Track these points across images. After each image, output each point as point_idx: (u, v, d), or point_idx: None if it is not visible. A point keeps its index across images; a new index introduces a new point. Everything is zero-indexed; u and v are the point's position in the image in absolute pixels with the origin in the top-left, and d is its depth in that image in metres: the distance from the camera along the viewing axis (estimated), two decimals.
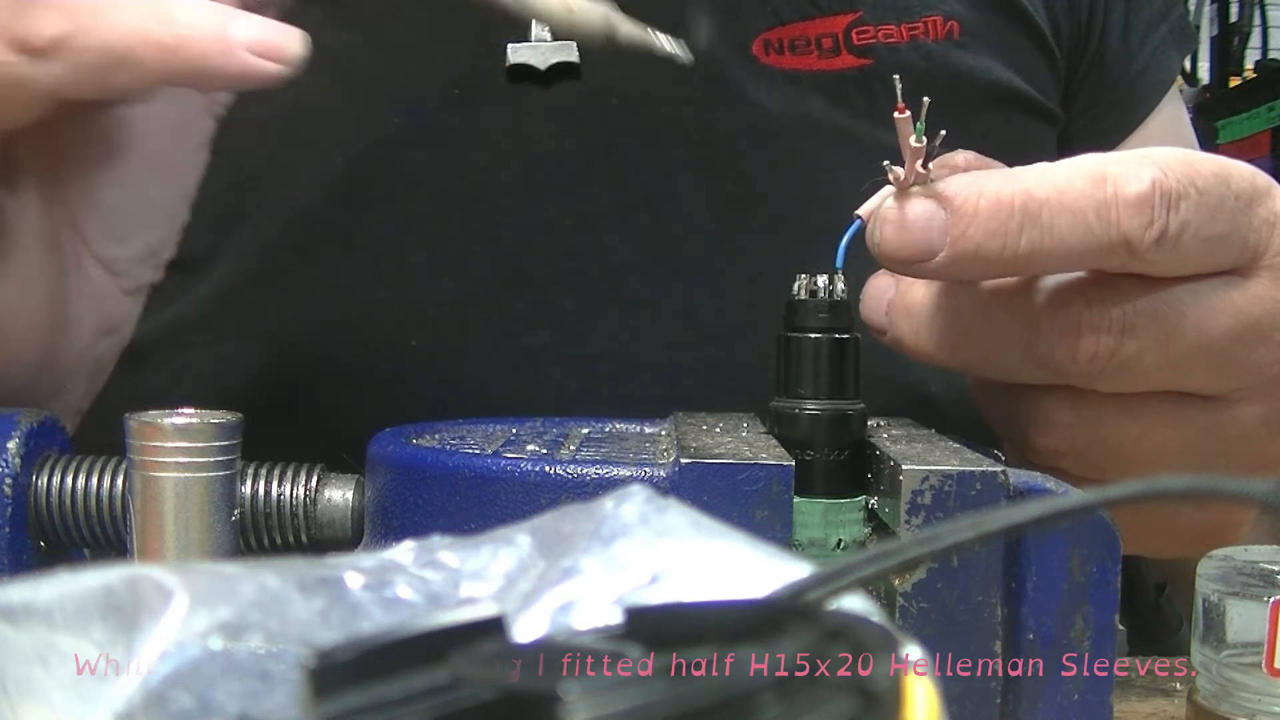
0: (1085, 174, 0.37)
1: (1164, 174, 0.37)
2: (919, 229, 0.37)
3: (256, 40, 0.38)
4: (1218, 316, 0.38)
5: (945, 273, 0.38)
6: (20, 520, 0.40)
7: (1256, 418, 0.40)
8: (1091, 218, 0.36)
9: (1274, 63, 2.43)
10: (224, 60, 0.38)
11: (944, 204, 0.37)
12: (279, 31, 0.38)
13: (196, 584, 0.19)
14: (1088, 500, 0.22)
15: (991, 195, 0.37)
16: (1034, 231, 0.36)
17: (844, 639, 0.16)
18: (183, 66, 0.38)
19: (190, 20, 0.38)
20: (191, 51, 0.37)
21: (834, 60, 0.57)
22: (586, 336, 0.55)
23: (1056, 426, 0.41)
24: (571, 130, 0.56)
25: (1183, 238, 0.37)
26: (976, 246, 0.37)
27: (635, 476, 0.34)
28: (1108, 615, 0.34)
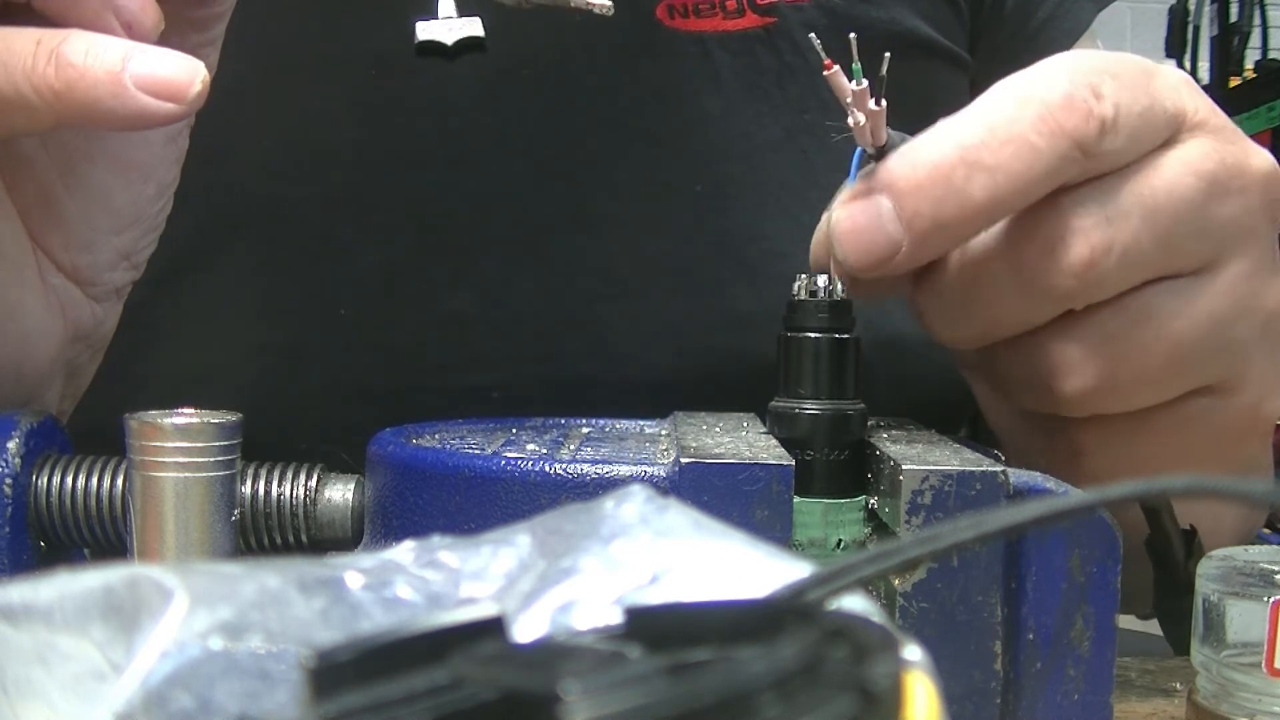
0: (1006, 101, 0.37)
1: (1075, 70, 0.37)
2: (873, 228, 0.36)
3: (153, 80, 0.36)
4: (1184, 180, 0.38)
5: (915, 258, 0.37)
6: (20, 520, 0.40)
7: (1247, 270, 0.41)
8: (1033, 137, 0.36)
9: (1274, 63, 2.43)
10: (117, 102, 0.36)
11: (885, 191, 0.36)
12: (178, 69, 0.37)
13: (196, 584, 0.19)
14: (1088, 500, 0.22)
15: (926, 162, 0.36)
16: (983, 177, 0.36)
17: (844, 639, 0.16)
18: (74, 110, 0.36)
19: (82, 62, 0.36)
20: (82, 95, 0.36)
21: (739, 20, 0.58)
22: (508, 298, 0.57)
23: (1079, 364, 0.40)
24: (486, 102, 0.57)
25: (1119, 120, 0.37)
26: (933, 218, 0.36)
27: (635, 476, 0.34)
28: (1108, 615, 0.34)
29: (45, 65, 0.36)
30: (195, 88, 0.37)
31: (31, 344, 0.44)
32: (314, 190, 0.57)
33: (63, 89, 0.36)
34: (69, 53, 0.36)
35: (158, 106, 0.36)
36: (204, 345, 0.57)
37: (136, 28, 0.38)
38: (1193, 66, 2.57)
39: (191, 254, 0.55)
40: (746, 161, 0.58)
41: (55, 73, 0.36)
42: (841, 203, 0.38)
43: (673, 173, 0.58)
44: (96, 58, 0.36)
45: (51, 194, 0.43)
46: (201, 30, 0.41)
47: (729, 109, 0.58)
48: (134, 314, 0.49)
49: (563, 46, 0.57)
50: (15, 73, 0.36)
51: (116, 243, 0.45)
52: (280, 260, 0.57)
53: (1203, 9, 2.49)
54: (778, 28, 0.59)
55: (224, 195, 0.56)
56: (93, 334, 0.47)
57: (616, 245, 0.57)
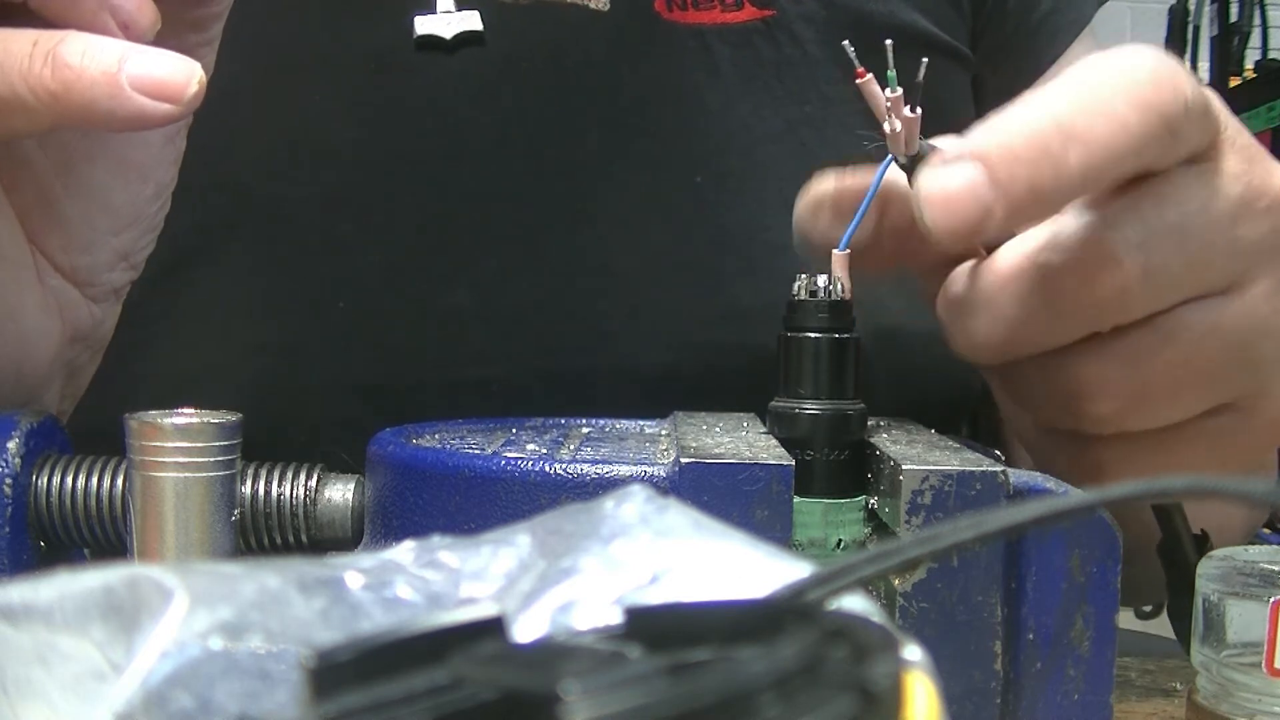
0: (1099, 72, 0.36)
1: (1155, 51, 0.37)
2: (967, 193, 0.35)
3: (149, 81, 0.36)
4: (1214, 202, 0.38)
5: (1008, 223, 0.36)
6: (20, 520, 0.40)
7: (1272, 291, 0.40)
8: (1124, 110, 0.35)
9: (1274, 63, 2.43)
10: (114, 104, 0.36)
11: (979, 158, 0.35)
12: (175, 70, 0.36)
13: (196, 584, 0.19)
14: (1088, 500, 0.22)
15: (1021, 130, 0.35)
16: (1078, 147, 0.35)
17: (844, 639, 0.16)
18: (71, 112, 0.36)
19: (78, 63, 0.36)
20: (79, 97, 0.36)
21: (738, 13, 0.58)
22: (507, 293, 0.57)
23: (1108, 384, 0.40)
24: (485, 98, 0.57)
25: (1193, 105, 0.37)
26: (1029, 184, 0.35)
27: (635, 476, 0.34)
28: (1108, 615, 0.34)
29: (42, 67, 0.36)
30: (192, 89, 0.37)
31: (30, 345, 0.44)
32: (313, 188, 0.57)
33: (59, 90, 0.36)
34: (65, 54, 0.36)
35: (154, 108, 0.36)
36: (203, 343, 0.57)
37: (133, 28, 0.38)
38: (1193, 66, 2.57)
39: (191, 252, 0.55)
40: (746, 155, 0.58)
41: (52, 74, 0.36)
42: (930, 167, 0.36)
43: (672, 166, 0.58)
44: (93, 59, 0.36)
45: (50, 195, 0.43)
46: (199, 30, 0.41)
47: (728, 102, 0.58)
48: (133, 312, 0.49)
49: (561, 40, 0.57)
50: (12, 74, 0.36)
51: (115, 243, 0.45)
52: (279, 258, 0.57)
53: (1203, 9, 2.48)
54: (777, 20, 0.59)
55: (223, 194, 0.56)
56: (91, 334, 0.47)
57: (616, 239, 0.57)
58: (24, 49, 0.36)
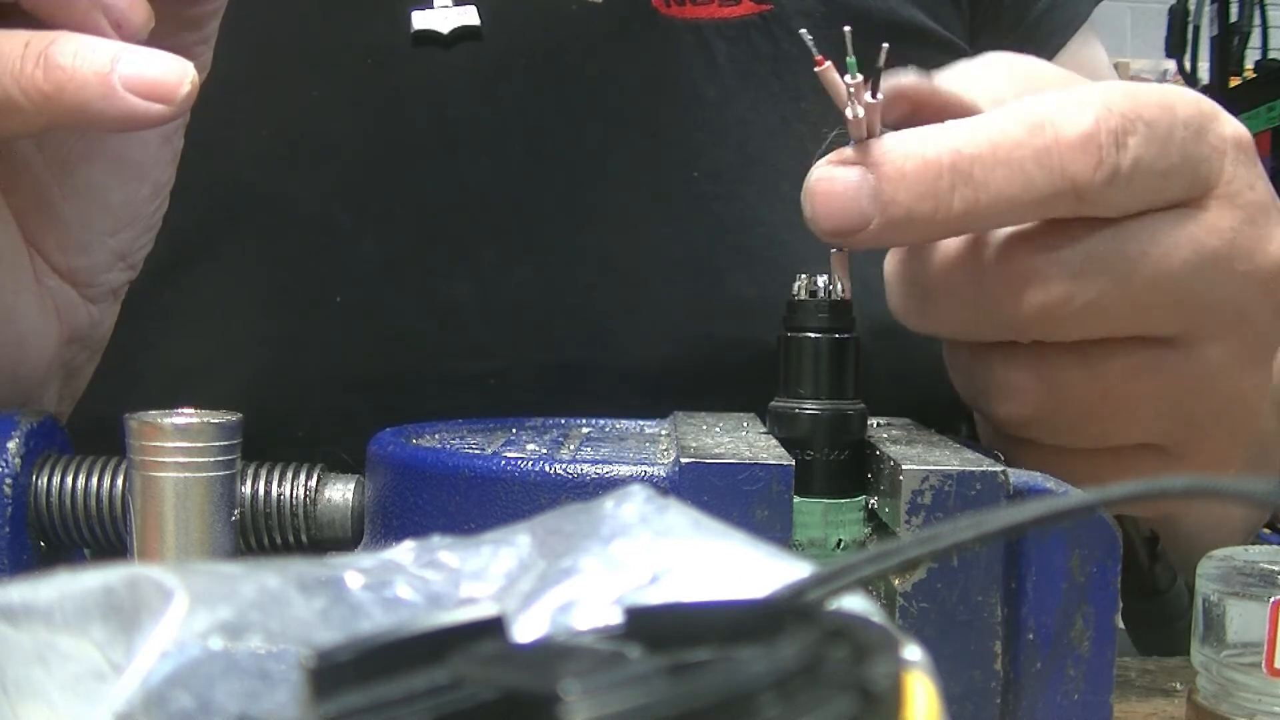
0: (1021, 121, 0.36)
1: (1107, 110, 0.36)
2: (848, 198, 0.36)
3: (142, 81, 0.36)
4: (1176, 251, 0.37)
5: (880, 240, 0.37)
6: (20, 520, 0.40)
7: (1224, 355, 0.39)
8: (1031, 167, 0.35)
9: (1274, 63, 2.43)
10: (107, 104, 0.36)
11: (872, 168, 0.36)
12: (168, 70, 0.36)
13: (196, 584, 0.19)
14: (1088, 500, 0.22)
15: (918, 156, 0.36)
16: (966, 189, 0.35)
17: (844, 639, 0.16)
18: (64, 112, 0.36)
19: (70, 64, 0.36)
20: (71, 98, 0.36)
21: (735, 8, 0.59)
22: (506, 286, 0.57)
23: (1018, 392, 0.40)
24: (483, 91, 0.58)
25: (1134, 175, 0.36)
26: (907, 211, 0.36)
27: (635, 476, 0.34)
28: (1108, 615, 0.34)
29: (34, 68, 0.36)
30: (184, 89, 0.36)
31: (28, 346, 0.44)
32: (311, 182, 0.57)
33: (52, 91, 0.36)
34: (57, 54, 0.36)
35: (147, 108, 0.36)
36: (203, 337, 0.57)
37: (126, 27, 0.38)
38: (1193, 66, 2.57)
39: (189, 249, 0.55)
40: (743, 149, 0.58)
41: (44, 75, 0.36)
42: (826, 162, 0.37)
43: (670, 160, 0.58)
44: (85, 59, 0.36)
45: (47, 196, 0.43)
46: (194, 28, 0.41)
47: (726, 96, 0.58)
48: (132, 308, 0.49)
49: (559, 36, 0.57)
50: (3, 76, 0.36)
51: (112, 243, 0.45)
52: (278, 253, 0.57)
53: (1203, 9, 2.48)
54: (774, 15, 0.59)
55: (221, 188, 0.56)
56: (89, 335, 0.47)
57: (614, 233, 0.57)
58: (15, 50, 0.36)
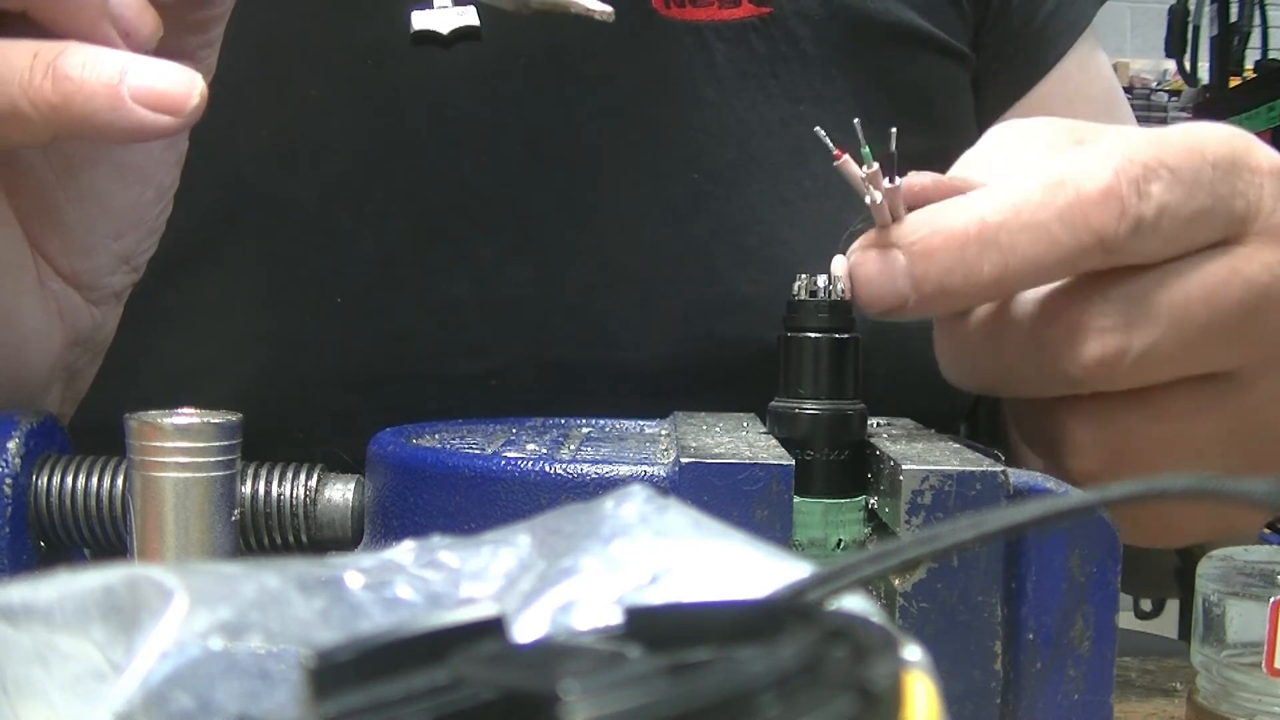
0: (1040, 184, 0.37)
1: (1128, 161, 0.36)
2: (885, 281, 0.38)
3: (151, 92, 0.36)
4: (1226, 290, 0.37)
5: (923, 312, 0.38)
6: (20, 520, 0.40)
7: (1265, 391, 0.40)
8: (1055, 227, 0.36)
9: (1274, 63, 2.43)
10: (115, 116, 0.36)
11: (904, 249, 0.37)
12: (176, 81, 0.36)
13: (196, 584, 0.19)
14: (1088, 500, 0.22)
15: (944, 230, 0.37)
16: (995, 256, 0.36)
17: (844, 639, 0.16)
18: (72, 123, 0.36)
19: (79, 75, 0.36)
20: (79, 109, 0.36)
21: (734, 10, 0.59)
22: (505, 285, 0.57)
23: (1084, 447, 0.40)
24: (482, 90, 0.58)
25: (1161, 222, 0.36)
26: (939, 285, 0.37)
27: (635, 476, 0.34)
28: (1108, 615, 0.34)
29: (42, 79, 0.36)
30: (193, 100, 0.36)
31: (30, 349, 0.44)
32: (311, 180, 0.57)
33: (59, 103, 0.36)
34: (66, 66, 0.36)
35: (155, 119, 0.36)
36: (203, 337, 0.57)
37: (134, 36, 0.37)
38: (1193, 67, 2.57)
39: (190, 247, 0.55)
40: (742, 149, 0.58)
41: (52, 87, 0.36)
42: (860, 247, 0.39)
43: (669, 160, 0.58)
44: (93, 71, 0.36)
45: (51, 200, 0.43)
46: (200, 32, 0.41)
47: (724, 97, 0.58)
48: (133, 307, 0.49)
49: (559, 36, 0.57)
50: (12, 87, 0.36)
51: (116, 247, 0.45)
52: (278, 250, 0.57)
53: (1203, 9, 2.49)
54: (773, 17, 0.59)
55: (221, 187, 0.56)
56: (92, 338, 0.47)
57: (613, 232, 0.57)
58: (24, 61, 0.36)
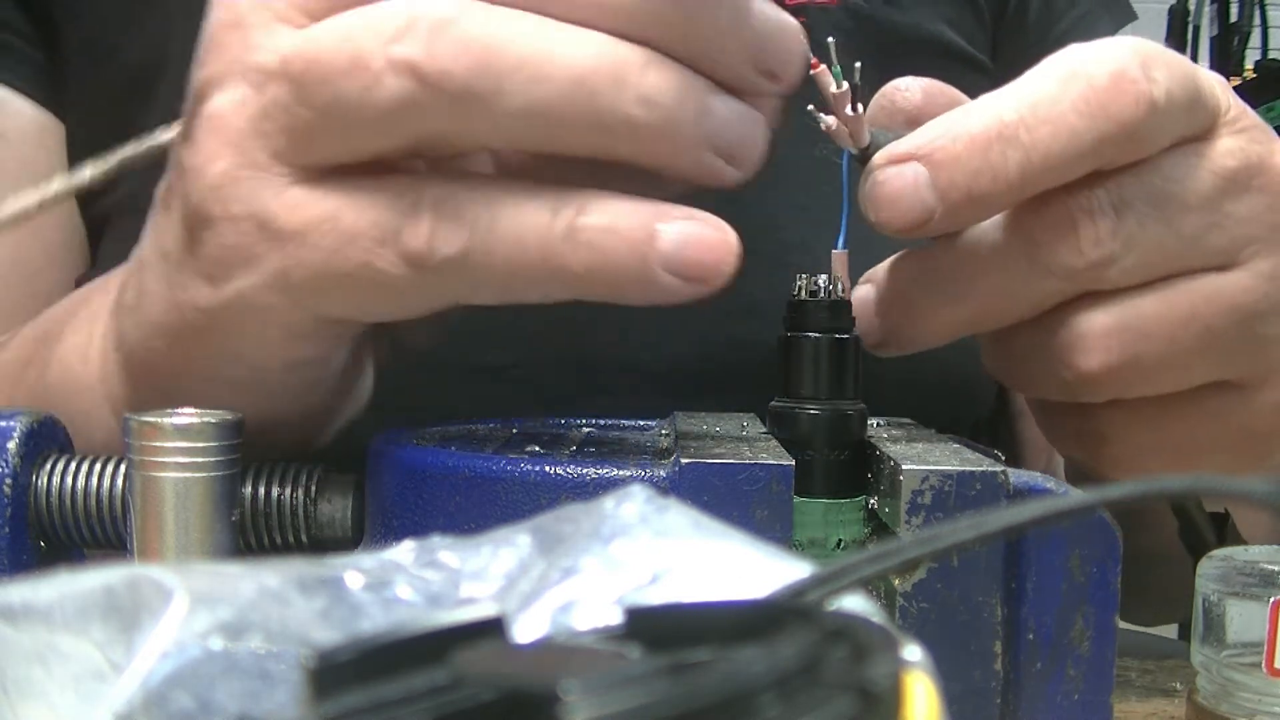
0: (1053, 78, 0.37)
1: (1129, 49, 0.37)
2: (909, 194, 0.37)
3: (680, 260, 0.32)
4: (1200, 174, 0.39)
5: (951, 224, 0.38)
6: (20, 520, 0.40)
7: (1272, 271, 0.40)
8: (1073, 118, 0.36)
9: (1274, 63, 2.42)
10: (638, 284, 0.32)
11: (923, 160, 0.37)
12: (708, 243, 0.32)
13: (196, 584, 0.19)
14: (1088, 500, 0.22)
15: (964, 135, 0.37)
16: (1018, 154, 0.36)
17: (844, 639, 0.16)
18: (588, 291, 0.33)
19: (604, 240, 0.32)
20: (601, 281, 0.32)
21: None
22: None
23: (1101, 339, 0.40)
24: None
25: (1169, 104, 0.37)
26: (967, 190, 0.37)
27: (635, 476, 0.34)
28: (1108, 615, 0.34)
29: (565, 242, 0.32)
30: (728, 267, 0.33)
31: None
32: None
33: (583, 273, 0.32)
34: (590, 223, 0.32)
35: (680, 288, 0.33)
36: None
37: (740, 161, 0.34)
38: None
39: None
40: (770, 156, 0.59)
41: (573, 252, 0.32)
42: (879, 164, 0.38)
43: None
44: (624, 229, 0.32)
45: None
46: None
47: None
48: None
49: None
50: (529, 248, 0.32)
51: None
52: None
53: (1203, 9, 2.48)
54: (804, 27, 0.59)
55: None
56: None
57: None
58: (544, 214, 0.32)
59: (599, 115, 0.32)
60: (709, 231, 0.33)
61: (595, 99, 0.32)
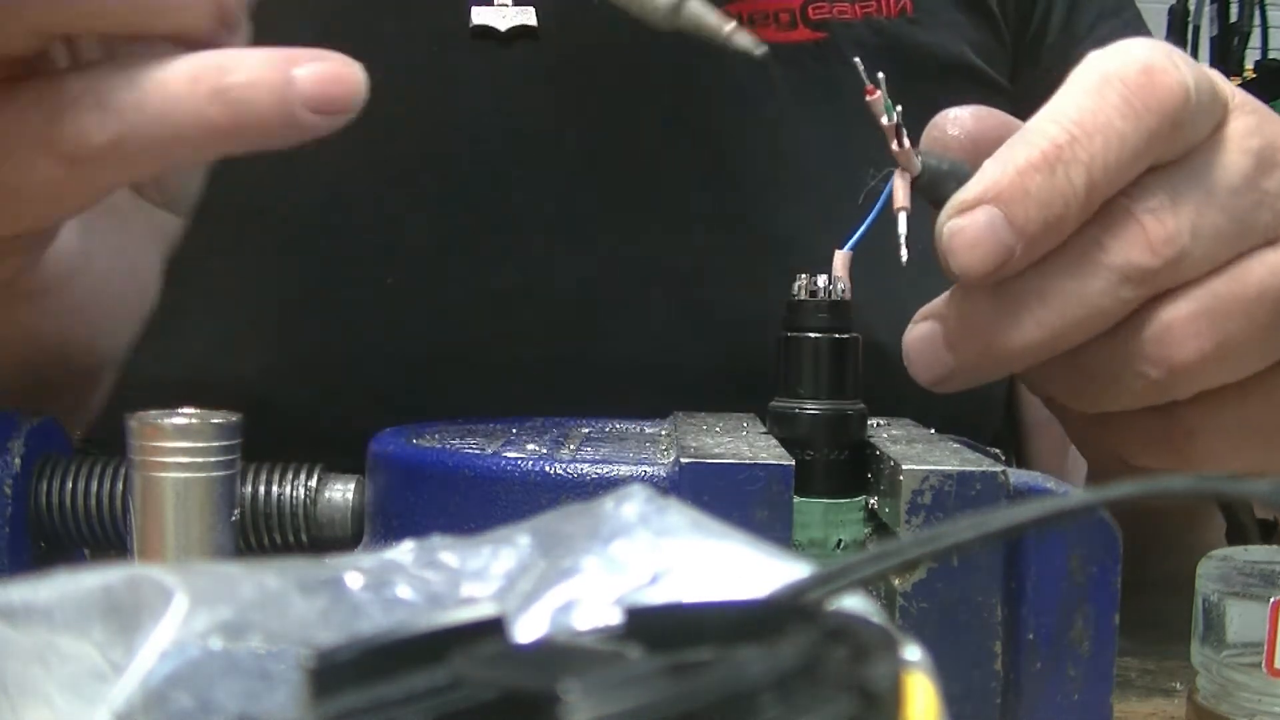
0: (1087, 88, 0.38)
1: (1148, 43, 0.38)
2: (988, 237, 0.37)
3: (318, 96, 0.33)
4: (1235, 156, 0.40)
5: (1031, 257, 0.38)
6: (20, 521, 0.40)
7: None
8: (1120, 124, 0.37)
9: (1274, 63, 2.43)
10: (284, 127, 0.33)
11: (993, 201, 0.37)
12: (340, 77, 0.34)
13: (196, 584, 0.19)
14: (1088, 500, 0.22)
15: (1026, 166, 0.37)
16: (1079, 172, 0.37)
17: (844, 639, 0.16)
18: (239, 145, 0.34)
19: (244, 94, 0.33)
20: (249, 130, 0.33)
21: (791, 33, 0.60)
22: (552, 279, 0.57)
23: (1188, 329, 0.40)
24: (543, 89, 0.58)
25: (1198, 90, 0.38)
26: (1043, 220, 0.37)
27: (635, 476, 0.34)
28: (1108, 615, 0.34)
29: (208, 105, 0.33)
30: (357, 94, 0.34)
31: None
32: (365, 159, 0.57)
33: (231, 126, 0.33)
34: (232, 82, 0.33)
35: (318, 123, 0.34)
36: (251, 305, 0.58)
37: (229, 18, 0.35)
38: None
39: (243, 214, 0.56)
40: (794, 168, 0.60)
41: (221, 112, 0.33)
42: (950, 215, 0.38)
43: (724, 172, 0.59)
44: (262, 78, 0.33)
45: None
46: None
47: (781, 116, 0.60)
48: (182, 275, 0.49)
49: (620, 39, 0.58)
50: (178, 118, 0.33)
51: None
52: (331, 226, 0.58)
53: (1203, 9, 2.48)
54: (828, 43, 0.60)
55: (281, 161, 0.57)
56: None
57: (664, 236, 0.58)
58: (183, 87, 0.33)
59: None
60: (338, 66, 0.34)
61: None
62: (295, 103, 0.33)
